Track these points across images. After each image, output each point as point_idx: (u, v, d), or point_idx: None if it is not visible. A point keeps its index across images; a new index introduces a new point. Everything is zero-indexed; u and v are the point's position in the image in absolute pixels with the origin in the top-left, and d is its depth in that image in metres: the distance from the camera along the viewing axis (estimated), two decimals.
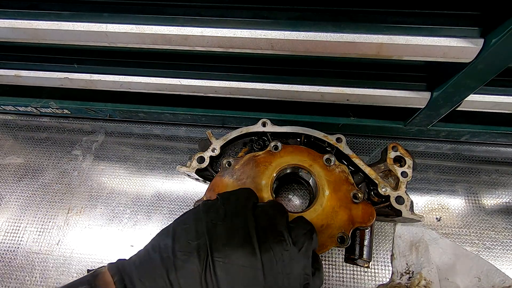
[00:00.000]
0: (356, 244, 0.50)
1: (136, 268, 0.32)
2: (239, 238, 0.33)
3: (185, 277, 0.31)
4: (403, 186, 0.52)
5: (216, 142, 0.56)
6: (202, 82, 0.58)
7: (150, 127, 0.78)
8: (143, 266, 0.32)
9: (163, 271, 0.31)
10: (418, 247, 0.59)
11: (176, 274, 0.31)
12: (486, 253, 0.61)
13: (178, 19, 0.45)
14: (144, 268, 0.32)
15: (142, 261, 0.33)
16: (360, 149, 0.73)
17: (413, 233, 0.61)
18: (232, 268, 0.31)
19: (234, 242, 0.33)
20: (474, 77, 0.46)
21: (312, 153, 0.53)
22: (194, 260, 0.31)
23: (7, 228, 0.67)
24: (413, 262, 0.59)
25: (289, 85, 0.56)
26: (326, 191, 0.50)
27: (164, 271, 0.31)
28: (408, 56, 0.44)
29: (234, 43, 0.45)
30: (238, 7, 0.45)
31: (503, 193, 0.67)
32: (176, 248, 0.32)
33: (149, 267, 0.32)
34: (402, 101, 0.56)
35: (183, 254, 0.32)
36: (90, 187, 0.71)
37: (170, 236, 0.34)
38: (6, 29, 0.48)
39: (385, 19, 0.43)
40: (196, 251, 0.32)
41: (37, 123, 0.80)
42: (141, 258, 0.34)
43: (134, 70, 0.59)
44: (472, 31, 0.42)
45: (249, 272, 0.32)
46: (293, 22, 0.44)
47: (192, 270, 0.31)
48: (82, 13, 0.47)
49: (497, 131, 0.65)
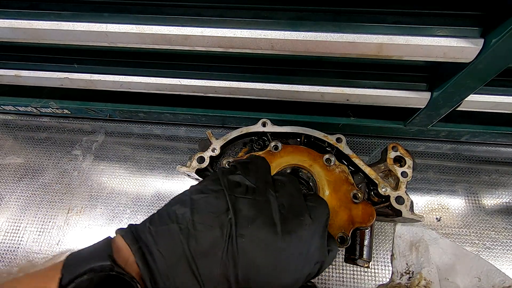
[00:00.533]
0: (356, 244, 0.50)
1: (153, 237, 0.31)
2: (263, 217, 0.32)
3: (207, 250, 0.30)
4: (403, 186, 0.52)
5: (216, 142, 0.56)
6: (202, 82, 0.58)
7: (150, 127, 0.78)
8: (160, 235, 0.31)
9: (184, 243, 0.30)
10: (418, 247, 0.59)
11: (196, 246, 0.30)
12: (486, 253, 0.61)
13: (178, 19, 0.45)
14: (162, 237, 0.31)
15: (158, 230, 0.32)
16: (360, 149, 0.73)
17: (413, 233, 0.61)
18: (254, 246, 0.31)
19: (259, 221, 0.32)
20: (474, 77, 0.46)
21: (312, 153, 0.53)
22: (217, 235, 0.30)
23: (7, 228, 0.67)
24: (413, 262, 0.59)
25: (289, 85, 0.56)
26: (326, 191, 0.50)
27: (185, 243, 0.30)
28: (408, 56, 0.44)
29: (234, 43, 0.45)
30: (238, 7, 0.45)
31: (503, 193, 0.67)
32: (196, 220, 0.31)
33: (167, 237, 0.31)
34: (402, 101, 0.56)
35: (204, 227, 0.31)
36: (90, 187, 0.71)
37: (188, 207, 0.33)
38: (6, 29, 0.47)
39: (385, 19, 0.43)
40: (218, 226, 0.31)
41: (37, 123, 0.80)
42: (157, 226, 0.32)
43: (134, 70, 0.59)
44: (472, 31, 0.42)
45: (271, 251, 0.31)
46: (293, 22, 0.44)
47: (213, 244, 0.30)
48: (82, 13, 0.47)
49: (497, 131, 0.65)
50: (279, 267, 0.32)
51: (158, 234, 0.31)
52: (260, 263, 0.31)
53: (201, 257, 0.30)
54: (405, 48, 0.43)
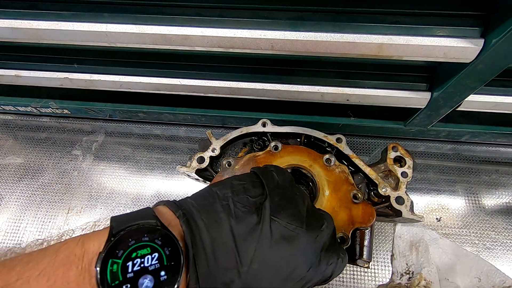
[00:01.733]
0: (356, 244, 0.50)
1: (196, 208, 0.33)
2: (293, 209, 0.35)
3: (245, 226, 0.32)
4: (403, 186, 0.52)
5: (216, 142, 0.56)
6: (202, 82, 0.58)
7: (150, 127, 0.78)
8: (203, 208, 0.33)
9: (225, 216, 0.32)
10: (418, 247, 0.59)
11: (236, 221, 0.32)
12: (486, 253, 0.61)
13: (178, 19, 0.45)
14: (205, 210, 0.32)
15: (200, 204, 0.33)
16: (360, 149, 0.73)
17: (413, 233, 0.61)
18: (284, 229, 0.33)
19: (289, 211, 0.35)
20: (474, 77, 0.46)
21: (312, 153, 0.53)
22: (253, 214, 0.32)
23: (7, 228, 0.67)
24: (413, 262, 0.59)
25: (289, 85, 0.56)
26: (326, 191, 0.50)
27: (225, 216, 0.32)
28: (408, 56, 0.44)
29: (234, 43, 0.45)
30: (238, 7, 0.45)
31: (503, 193, 0.67)
32: (236, 200, 0.33)
33: (210, 210, 0.32)
34: (402, 101, 0.56)
35: (243, 207, 0.33)
36: (90, 187, 0.71)
37: (228, 188, 0.35)
38: (6, 29, 0.47)
39: (385, 19, 0.43)
40: (255, 207, 0.33)
41: (37, 123, 0.80)
42: (199, 201, 0.34)
43: (134, 70, 0.59)
44: (472, 31, 0.42)
45: (296, 239, 0.33)
46: (293, 22, 0.44)
47: (251, 221, 0.32)
48: (82, 13, 0.47)
49: (497, 131, 0.65)
50: (301, 256, 0.34)
51: (201, 207, 0.33)
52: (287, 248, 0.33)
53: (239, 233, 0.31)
54: (405, 48, 0.43)
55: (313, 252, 0.35)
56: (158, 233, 0.28)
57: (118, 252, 0.26)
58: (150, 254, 0.26)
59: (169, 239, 0.28)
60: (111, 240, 0.27)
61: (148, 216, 0.30)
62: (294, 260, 0.33)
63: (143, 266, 0.26)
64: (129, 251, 0.26)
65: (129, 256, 0.26)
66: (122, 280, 0.25)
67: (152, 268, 0.26)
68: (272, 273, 0.32)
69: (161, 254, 0.27)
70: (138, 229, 0.28)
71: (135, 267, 0.25)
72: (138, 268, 0.25)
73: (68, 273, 0.26)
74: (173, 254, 0.27)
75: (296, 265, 0.33)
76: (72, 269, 0.26)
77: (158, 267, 0.26)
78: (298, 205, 0.37)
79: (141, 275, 0.25)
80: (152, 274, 0.26)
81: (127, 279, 0.25)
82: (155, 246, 0.27)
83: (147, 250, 0.27)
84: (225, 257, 0.30)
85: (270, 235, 0.32)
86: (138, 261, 0.26)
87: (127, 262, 0.26)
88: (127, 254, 0.26)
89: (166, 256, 0.27)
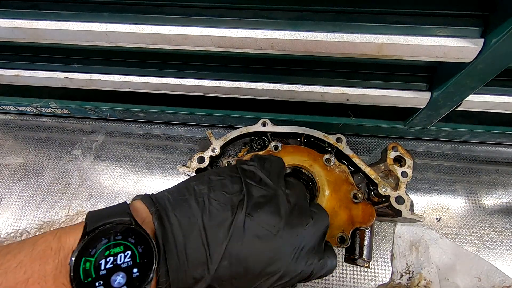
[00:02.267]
0: (356, 244, 0.50)
1: (171, 204, 0.33)
2: (271, 206, 0.35)
3: (218, 223, 0.32)
4: (403, 186, 0.52)
5: (216, 142, 0.56)
6: (202, 82, 0.58)
7: (150, 127, 0.78)
8: (178, 203, 0.33)
9: (198, 213, 0.32)
10: (418, 247, 0.59)
11: (209, 218, 0.32)
12: (486, 253, 0.61)
13: (178, 19, 0.45)
14: (179, 206, 0.33)
15: (176, 199, 0.34)
16: (360, 149, 0.73)
17: (413, 233, 0.61)
18: (259, 228, 0.33)
19: (267, 208, 0.35)
20: (474, 77, 0.46)
21: (312, 153, 0.53)
22: (227, 212, 0.33)
23: (7, 228, 0.67)
24: (413, 262, 0.59)
25: (289, 85, 0.56)
26: (326, 191, 0.50)
27: (199, 213, 0.32)
28: (408, 56, 0.44)
29: (234, 43, 0.45)
30: (238, 7, 0.45)
31: (503, 193, 0.67)
32: (212, 196, 0.34)
33: (184, 206, 0.33)
34: (402, 101, 0.56)
35: (218, 204, 0.33)
36: (90, 187, 0.71)
37: (205, 184, 0.36)
38: (6, 29, 0.47)
39: (385, 19, 0.43)
40: (230, 205, 0.34)
41: (37, 123, 0.80)
42: (175, 196, 0.35)
43: (134, 70, 0.59)
44: (472, 31, 0.42)
45: (271, 237, 0.34)
46: (293, 22, 0.44)
47: (224, 218, 0.33)
48: (82, 13, 0.47)
49: (497, 131, 0.65)
50: (275, 254, 0.34)
51: (176, 202, 0.33)
52: (260, 246, 0.33)
53: (211, 230, 0.32)
54: (405, 48, 0.43)
55: (290, 250, 0.35)
56: (131, 232, 0.29)
57: (91, 250, 0.27)
58: (123, 252, 0.27)
59: (142, 238, 0.29)
60: (85, 238, 0.28)
61: (123, 213, 0.31)
62: (266, 258, 0.33)
63: (116, 263, 0.26)
64: (102, 249, 0.27)
65: (102, 254, 0.27)
66: (95, 277, 0.25)
67: (125, 265, 0.27)
68: (243, 271, 0.32)
69: (134, 252, 0.28)
70: (111, 228, 0.29)
71: (108, 265, 0.26)
72: (111, 266, 0.26)
73: (44, 267, 0.26)
74: (146, 252, 0.28)
75: (268, 263, 0.33)
76: (48, 263, 0.26)
77: (130, 264, 0.27)
78: (279, 203, 0.36)
79: (114, 272, 0.26)
80: (124, 271, 0.26)
81: (99, 276, 0.26)
82: (128, 245, 0.28)
83: (120, 248, 0.27)
84: (195, 253, 0.31)
85: (243, 233, 0.32)
86: (111, 259, 0.26)
87: (100, 260, 0.26)
88: (100, 253, 0.27)
89: (139, 253, 0.28)
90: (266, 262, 0.33)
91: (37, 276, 0.26)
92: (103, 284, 0.25)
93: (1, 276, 0.25)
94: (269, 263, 0.33)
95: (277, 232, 0.34)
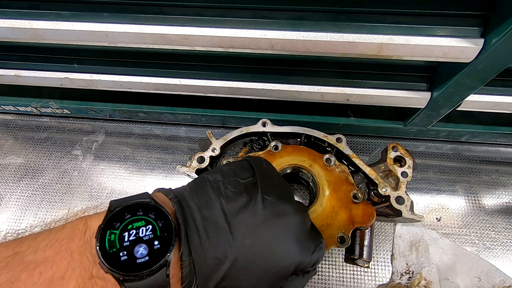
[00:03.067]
0: (356, 244, 0.50)
1: (187, 192, 0.35)
2: (280, 190, 0.37)
3: (235, 204, 0.33)
4: (403, 186, 0.52)
5: (216, 142, 0.56)
6: (202, 82, 0.58)
7: (150, 127, 0.78)
8: (194, 191, 0.35)
9: (215, 196, 0.33)
10: (418, 247, 0.59)
11: (226, 200, 0.33)
12: (486, 253, 0.61)
13: (178, 19, 0.45)
14: (196, 192, 0.35)
15: (192, 188, 0.36)
16: (360, 149, 0.73)
17: (413, 233, 0.61)
18: (276, 206, 0.34)
19: (278, 191, 0.36)
20: (474, 77, 0.46)
21: (312, 153, 0.53)
22: (243, 194, 0.34)
23: (7, 228, 0.67)
24: (413, 262, 0.59)
25: (289, 85, 0.56)
26: (326, 191, 0.50)
27: (216, 197, 0.33)
28: (408, 56, 0.44)
29: (234, 43, 0.45)
30: (238, 7, 0.45)
31: (503, 193, 0.67)
32: (226, 182, 0.35)
33: (201, 192, 0.34)
34: (402, 101, 0.56)
35: (233, 187, 0.35)
36: (90, 187, 0.71)
37: (219, 173, 0.37)
38: (6, 29, 0.47)
39: (385, 19, 0.43)
40: (245, 188, 0.35)
41: (37, 123, 0.80)
42: (191, 187, 0.36)
43: (134, 70, 0.59)
44: (472, 31, 0.42)
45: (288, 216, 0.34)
46: (293, 22, 0.44)
47: (241, 201, 0.33)
48: (82, 13, 0.47)
49: (497, 131, 0.65)
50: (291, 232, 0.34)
51: (193, 190, 0.35)
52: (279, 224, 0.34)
53: (229, 210, 0.33)
54: (405, 48, 0.43)
55: (303, 231, 0.35)
56: (151, 209, 0.31)
57: (115, 224, 0.29)
58: (145, 226, 0.29)
59: (161, 214, 0.31)
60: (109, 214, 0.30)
61: (143, 196, 0.33)
62: (286, 236, 0.34)
63: (138, 236, 0.28)
64: (125, 223, 0.29)
65: (125, 228, 0.29)
66: (119, 248, 0.27)
67: (146, 238, 0.28)
68: (266, 249, 0.32)
69: (154, 226, 0.29)
70: (133, 205, 0.31)
71: (131, 237, 0.28)
72: (134, 238, 0.28)
73: (71, 244, 0.29)
74: (166, 227, 0.30)
75: (289, 243, 0.34)
76: (75, 241, 0.29)
77: (152, 237, 0.29)
78: (286, 188, 0.38)
79: (137, 244, 0.28)
80: (146, 243, 0.28)
81: (123, 247, 0.28)
82: (149, 219, 0.30)
83: (142, 223, 0.29)
84: (216, 233, 0.31)
85: (262, 211, 0.33)
86: (134, 232, 0.28)
87: (123, 233, 0.28)
88: (123, 226, 0.29)
89: (159, 228, 0.29)
90: (286, 241, 0.34)
91: (64, 252, 0.28)
92: (127, 254, 0.27)
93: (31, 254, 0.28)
94: (290, 244, 0.34)
95: (291, 212, 0.35)
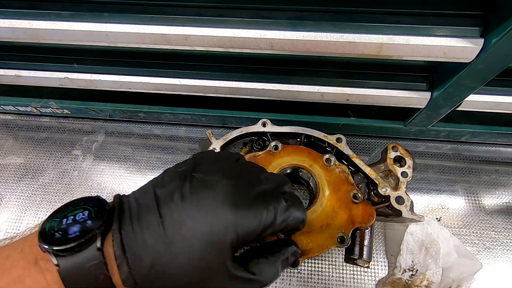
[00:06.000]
0: (356, 244, 0.50)
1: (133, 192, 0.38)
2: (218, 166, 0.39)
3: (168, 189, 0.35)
4: (403, 186, 0.52)
5: (216, 142, 0.56)
6: (202, 82, 0.58)
7: (150, 127, 0.78)
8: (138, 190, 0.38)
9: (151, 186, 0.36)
10: (429, 248, 0.58)
11: (160, 187, 0.36)
12: (486, 253, 0.61)
13: (178, 19, 0.45)
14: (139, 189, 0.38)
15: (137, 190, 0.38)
16: (360, 149, 0.73)
17: (427, 233, 0.59)
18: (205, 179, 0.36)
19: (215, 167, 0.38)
20: (474, 77, 0.46)
21: (312, 153, 0.53)
22: (177, 180, 0.36)
23: (7, 228, 0.67)
24: (419, 261, 0.58)
25: (289, 85, 0.56)
26: (326, 191, 0.50)
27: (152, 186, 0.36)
28: (408, 56, 0.44)
29: (234, 43, 0.45)
30: (238, 7, 0.45)
31: (503, 193, 0.67)
32: (165, 175, 0.38)
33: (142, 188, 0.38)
34: (402, 101, 0.56)
35: (169, 177, 0.37)
36: (90, 187, 0.71)
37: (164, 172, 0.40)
38: (6, 29, 0.48)
39: (385, 19, 0.43)
40: (179, 174, 0.37)
41: (37, 123, 0.80)
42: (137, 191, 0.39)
43: (134, 70, 0.59)
44: (472, 31, 0.42)
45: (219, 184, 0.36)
46: (293, 22, 0.44)
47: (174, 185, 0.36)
48: (82, 13, 0.47)
49: (497, 131, 0.65)
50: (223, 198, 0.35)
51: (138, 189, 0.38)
52: (207, 193, 0.35)
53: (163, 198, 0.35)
54: (405, 48, 0.43)
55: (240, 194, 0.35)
56: (92, 200, 0.35)
57: (58, 214, 0.34)
58: (82, 212, 0.33)
59: (99, 201, 0.35)
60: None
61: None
62: (216, 204, 0.34)
63: (74, 219, 0.33)
64: (66, 213, 0.34)
65: (66, 216, 0.33)
66: (57, 230, 0.32)
67: (81, 220, 0.32)
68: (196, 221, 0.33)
69: (90, 211, 0.33)
70: (78, 199, 0.36)
71: (68, 221, 0.33)
72: (71, 222, 0.32)
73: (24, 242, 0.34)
74: (101, 209, 0.34)
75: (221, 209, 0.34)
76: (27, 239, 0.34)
77: (86, 219, 0.33)
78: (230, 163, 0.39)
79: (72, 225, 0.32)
80: (80, 223, 0.32)
81: (60, 229, 0.32)
82: (87, 207, 0.34)
83: (80, 210, 0.34)
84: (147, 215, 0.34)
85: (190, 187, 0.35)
86: (72, 217, 0.33)
87: (63, 219, 0.33)
88: (64, 215, 0.33)
89: (94, 211, 0.33)
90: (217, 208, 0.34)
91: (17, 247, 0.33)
92: (62, 234, 0.31)
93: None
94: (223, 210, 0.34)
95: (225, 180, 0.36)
